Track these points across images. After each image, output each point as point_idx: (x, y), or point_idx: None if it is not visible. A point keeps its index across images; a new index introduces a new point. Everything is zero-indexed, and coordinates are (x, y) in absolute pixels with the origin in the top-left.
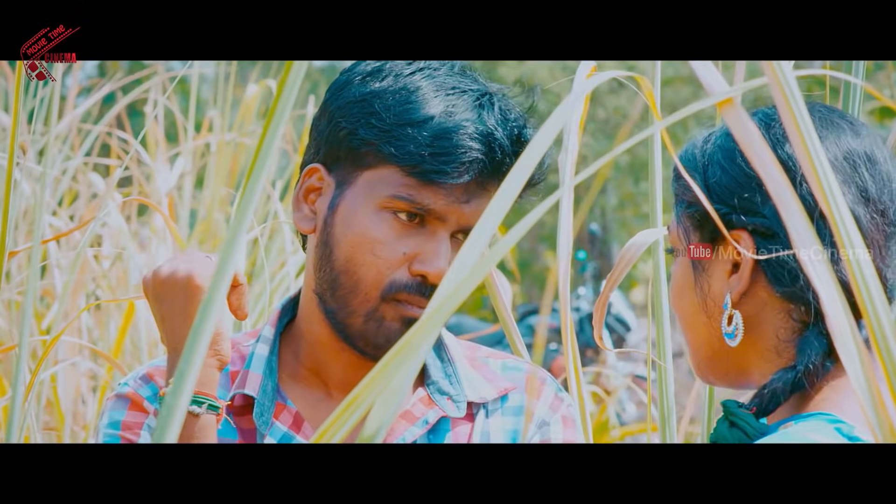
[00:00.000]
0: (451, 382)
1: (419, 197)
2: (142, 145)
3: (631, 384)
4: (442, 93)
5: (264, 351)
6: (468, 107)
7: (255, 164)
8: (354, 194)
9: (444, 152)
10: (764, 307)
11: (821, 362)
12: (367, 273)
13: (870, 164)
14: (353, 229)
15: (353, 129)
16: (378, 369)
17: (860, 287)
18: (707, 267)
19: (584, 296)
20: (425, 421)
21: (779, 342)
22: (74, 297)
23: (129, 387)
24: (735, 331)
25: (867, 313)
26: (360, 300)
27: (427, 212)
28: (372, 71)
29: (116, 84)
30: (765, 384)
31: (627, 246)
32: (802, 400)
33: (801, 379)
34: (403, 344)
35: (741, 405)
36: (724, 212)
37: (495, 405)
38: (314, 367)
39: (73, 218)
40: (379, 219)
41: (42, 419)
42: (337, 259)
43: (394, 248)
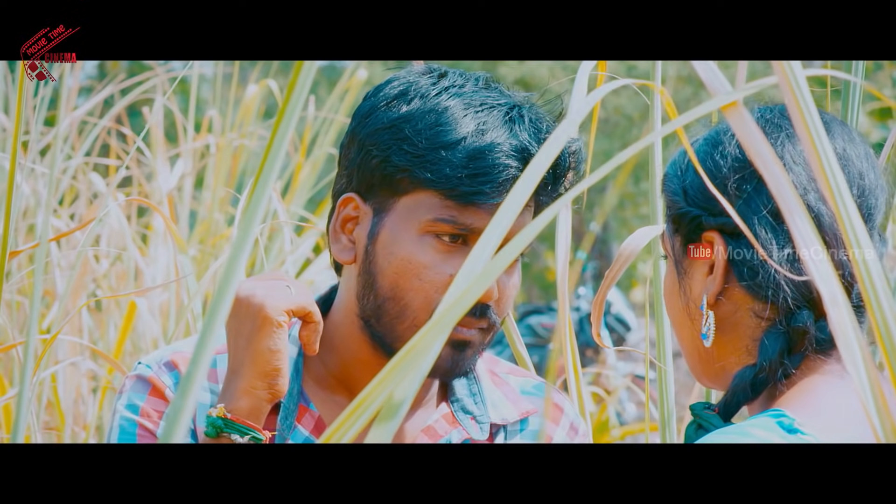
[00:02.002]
0: (476, 402)
1: (462, 218)
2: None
3: (631, 384)
4: (471, 111)
5: (293, 352)
6: (499, 123)
7: (263, 168)
8: (394, 221)
9: (482, 172)
10: (738, 308)
11: (778, 359)
12: (414, 298)
13: (842, 163)
14: (397, 256)
15: (386, 156)
16: (385, 372)
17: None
18: (688, 270)
19: (584, 296)
20: (448, 441)
21: (751, 342)
22: (75, 297)
23: (151, 371)
24: (708, 331)
25: (872, 311)
26: (408, 325)
27: (470, 231)
28: (397, 94)
29: (118, 86)
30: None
31: (625, 244)
32: (770, 399)
33: (760, 377)
34: (410, 348)
35: (708, 406)
36: (696, 213)
37: (515, 427)
38: (344, 379)
39: (74, 217)
40: (422, 243)
41: (42, 419)
42: (381, 287)
43: (440, 271)
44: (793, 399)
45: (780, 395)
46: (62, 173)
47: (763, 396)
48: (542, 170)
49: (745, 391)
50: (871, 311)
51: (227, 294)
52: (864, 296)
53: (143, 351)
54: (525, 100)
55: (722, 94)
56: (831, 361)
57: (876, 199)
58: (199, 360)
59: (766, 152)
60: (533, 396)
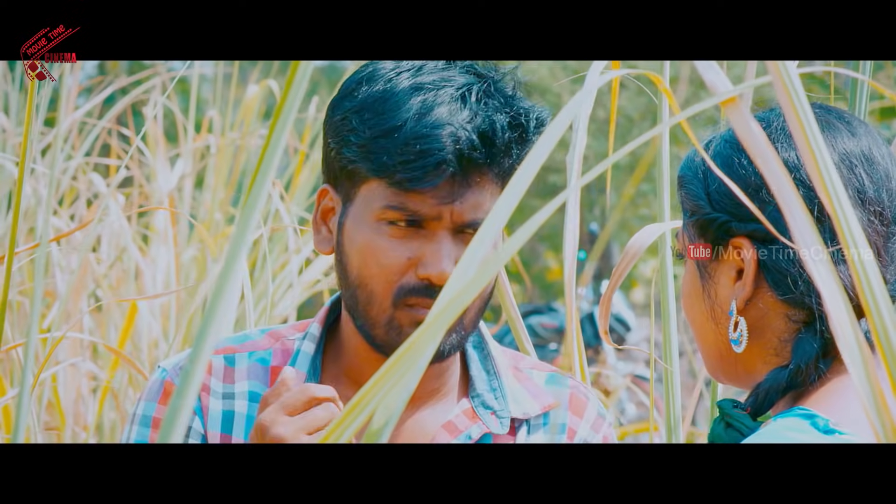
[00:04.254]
0: (496, 397)
1: (409, 204)
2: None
3: (631, 384)
4: (418, 94)
5: (310, 349)
6: (443, 103)
7: (260, 167)
8: (355, 211)
9: (414, 158)
10: (767, 312)
11: (814, 362)
12: (377, 284)
13: (867, 164)
14: (358, 243)
15: (339, 149)
16: (383, 371)
17: (864, 287)
18: (713, 274)
19: (585, 296)
20: (468, 436)
21: (779, 343)
22: (76, 298)
23: (167, 374)
24: (740, 337)
25: (870, 313)
26: (377, 311)
27: (421, 217)
28: (354, 84)
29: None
30: (759, 383)
31: (631, 242)
32: (796, 399)
33: (793, 378)
34: (409, 346)
35: (736, 405)
36: (724, 219)
37: (538, 421)
38: (354, 375)
39: (74, 218)
40: (378, 230)
41: (42, 419)
42: (351, 274)
43: (398, 255)
44: (821, 399)
45: (806, 395)
46: (62, 173)
47: (788, 395)
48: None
49: (779, 392)
50: (869, 314)
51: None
52: (862, 299)
53: (142, 351)
54: (484, 79)
55: (722, 92)
56: None
57: None
58: (197, 359)
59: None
60: (556, 388)
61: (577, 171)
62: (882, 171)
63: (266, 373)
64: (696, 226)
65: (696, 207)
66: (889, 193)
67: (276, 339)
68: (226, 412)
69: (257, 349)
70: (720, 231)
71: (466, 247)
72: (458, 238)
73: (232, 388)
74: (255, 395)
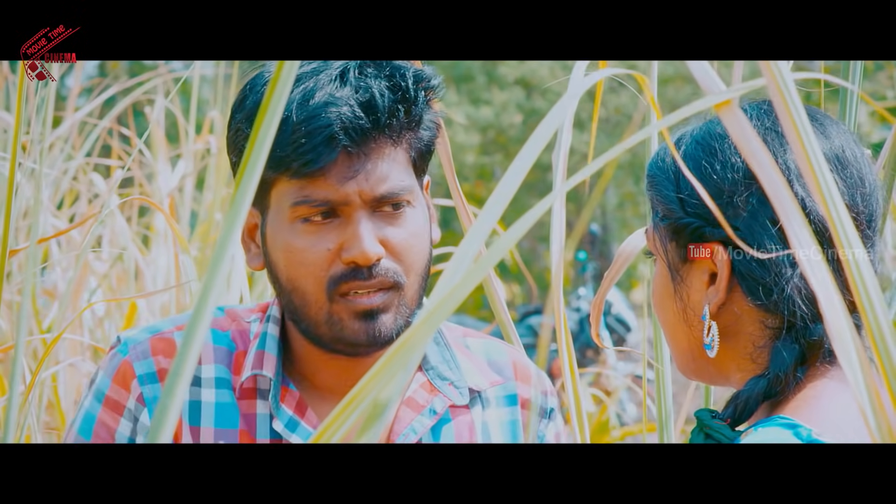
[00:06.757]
0: (451, 367)
1: (314, 194)
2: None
3: (631, 384)
4: (299, 85)
5: (275, 332)
6: (323, 86)
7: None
8: (272, 218)
9: (304, 142)
10: (740, 317)
11: (792, 371)
12: (307, 283)
13: (840, 168)
14: (281, 248)
15: (238, 160)
16: (376, 370)
17: (858, 288)
18: (685, 277)
19: (585, 296)
20: (432, 410)
21: (754, 349)
22: (75, 298)
23: (126, 353)
24: (712, 342)
25: (865, 315)
26: (315, 309)
27: (331, 203)
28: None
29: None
30: (737, 393)
31: (625, 244)
32: (773, 407)
33: (771, 387)
34: (401, 344)
35: (715, 415)
36: (697, 224)
37: (488, 395)
38: (306, 373)
39: (74, 218)
40: (294, 230)
41: (42, 419)
42: (282, 280)
43: (319, 249)
44: (800, 407)
45: (784, 402)
46: (63, 174)
47: (765, 403)
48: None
49: (757, 401)
50: (864, 313)
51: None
52: (857, 299)
53: None
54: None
55: (714, 94)
56: (836, 367)
57: (877, 201)
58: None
59: (762, 154)
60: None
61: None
62: (855, 174)
63: (230, 358)
64: (669, 229)
65: (668, 211)
66: (863, 197)
67: (232, 319)
68: (192, 402)
69: (219, 328)
70: (693, 236)
71: (389, 225)
72: (378, 217)
73: (199, 373)
74: (221, 381)
